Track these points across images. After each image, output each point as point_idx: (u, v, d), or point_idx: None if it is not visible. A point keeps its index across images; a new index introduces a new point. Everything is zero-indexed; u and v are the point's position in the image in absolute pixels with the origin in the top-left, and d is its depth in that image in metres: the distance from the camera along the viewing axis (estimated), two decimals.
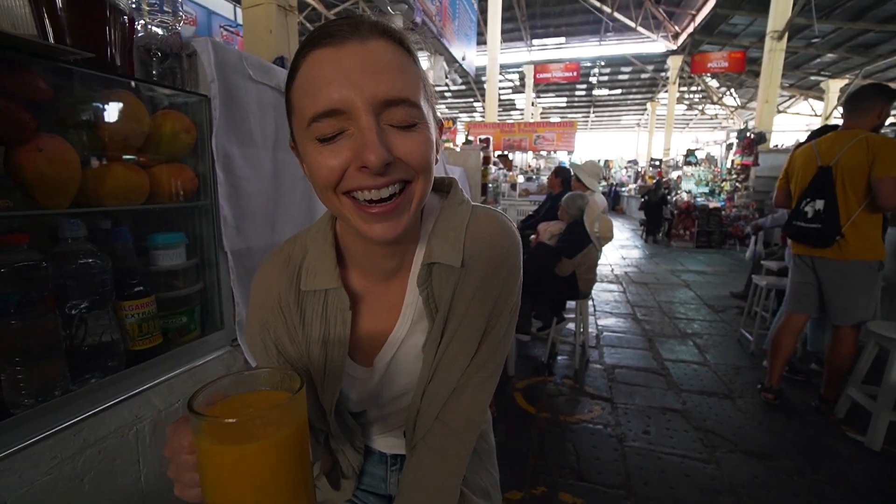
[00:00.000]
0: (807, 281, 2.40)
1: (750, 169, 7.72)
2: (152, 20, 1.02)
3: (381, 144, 0.43)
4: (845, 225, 2.16)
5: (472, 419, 0.60)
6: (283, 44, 3.03)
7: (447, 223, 0.57)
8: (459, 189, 0.62)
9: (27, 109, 0.77)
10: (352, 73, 0.42)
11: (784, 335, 2.51)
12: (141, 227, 1.09)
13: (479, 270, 0.56)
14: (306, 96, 0.44)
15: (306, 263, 0.59)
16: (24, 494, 0.72)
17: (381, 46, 0.44)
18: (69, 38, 0.84)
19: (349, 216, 0.47)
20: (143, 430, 0.95)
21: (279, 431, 0.37)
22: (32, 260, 0.77)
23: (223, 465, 0.37)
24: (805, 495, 1.78)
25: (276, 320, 0.59)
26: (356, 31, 0.44)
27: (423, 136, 0.46)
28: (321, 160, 0.45)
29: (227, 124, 1.19)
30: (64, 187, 0.83)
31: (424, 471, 0.60)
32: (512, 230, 0.60)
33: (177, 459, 0.42)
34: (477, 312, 0.56)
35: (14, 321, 0.76)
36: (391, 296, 0.59)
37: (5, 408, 0.77)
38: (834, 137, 2.24)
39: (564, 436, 2.19)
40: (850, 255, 2.18)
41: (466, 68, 5.04)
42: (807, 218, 2.29)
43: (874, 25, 9.95)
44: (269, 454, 0.37)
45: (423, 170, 0.47)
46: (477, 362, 0.58)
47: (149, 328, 1.03)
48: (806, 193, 2.31)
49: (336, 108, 0.43)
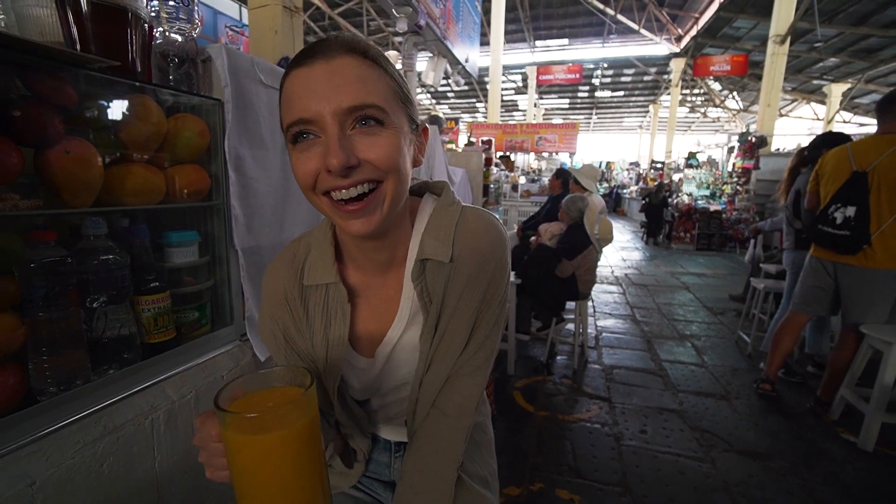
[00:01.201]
0: (821, 286, 2.38)
1: (751, 172, 7.75)
2: (170, 27, 1.07)
3: (342, 150, 0.48)
4: (874, 233, 2.11)
5: (466, 406, 0.64)
6: (288, 44, 3.07)
7: (438, 222, 0.62)
8: (451, 191, 0.67)
9: (55, 113, 0.81)
10: (318, 88, 0.49)
11: (785, 332, 2.54)
12: (156, 226, 1.13)
13: (467, 265, 0.61)
14: (285, 109, 0.51)
15: (309, 260, 0.65)
16: (51, 475, 0.77)
17: (346, 62, 0.50)
18: (94, 45, 0.88)
19: (330, 214, 0.54)
20: (158, 420, 0.99)
21: (294, 424, 0.43)
22: (59, 256, 0.81)
23: (247, 453, 0.43)
24: (798, 494, 1.82)
25: (283, 313, 0.65)
26: (324, 51, 0.50)
27: (389, 140, 0.52)
28: (298, 165, 0.51)
29: (238, 127, 1.23)
30: (88, 187, 0.87)
31: (422, 456, 0.64)
32: (498, 227, 0.65)
33: (207, 447, 0.48)
34: (467, 304, 0.61)
35: (41, 313, 0.80)
36: (388, 290, 0.64)
37: (32, 395, 0.82)
38: (871, 142, 2.18)
39: (562, 434, 2.23)
40: (876, 264, 2.15)
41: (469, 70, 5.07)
42: (835, 224, 2.22)
43: (877, 30, 9.96)
44: (285, 443, 0.43)
45: (392, 169, 0.52)
46: (468, 352, 0.63)
47: (163, 322, 1.07)
48: (836, 198, 2.24)
49: (304, 117, 0.49)
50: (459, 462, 0.65)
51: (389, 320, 0.64)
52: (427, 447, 0.64)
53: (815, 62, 13.06)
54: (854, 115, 16.82)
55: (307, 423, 0.44)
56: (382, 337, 0.64)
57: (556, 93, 21.47)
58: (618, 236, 9.76)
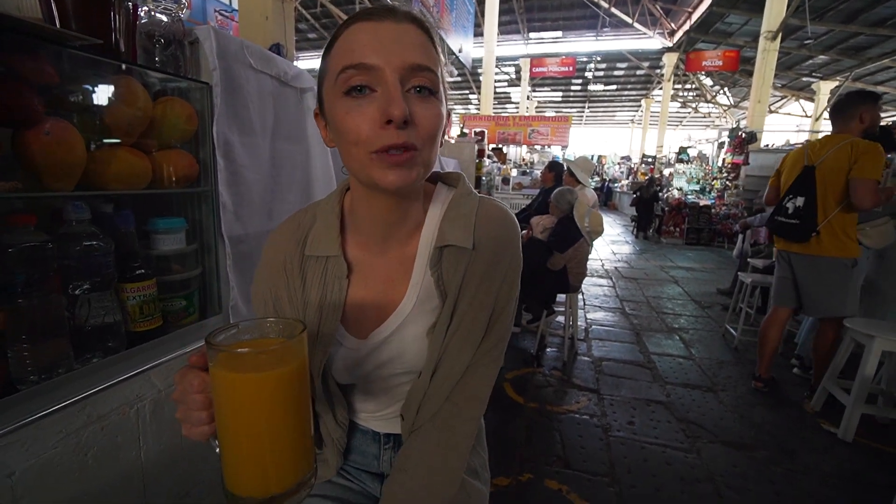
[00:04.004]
0: (785, 276, 2.53)
1: (740, 168, 7.83)
2: (156, 7, 1.03)
3: (404, 101, 0.49)
4: (822, 223, 2.27)
5: (479, 397, 0.64)
6: (279, 31, 3.01)
7: (458, 210, 0.63)
8: (468, 182, 0.68)
9: (35, 93, 0.78)
10: (386, 41, 0.49)
11: (768, 327, 2.63)
12: (143, 212, 1.10)
13: (487, 253, 0.61)
14: (342, 55, 0.51)
15: (313, 231, 0.64)
16: (31, 466, 0.75)
17: (412, 29, 0.52)
18: (74, 22, 0.85)
19: (369, 169, 0.52)
20: (143, 409, 0.98)
21: (284, 365, 0.43)
22: (39, 241, 0.79)
23: (235, 392, 0.42)
24: (780, 483, 1.86)
25: (278, 280, 0.65)
26: (393, 13, 0.51)
27: (437, 111, 0.53)
28: (350, 117, 0.50)
29: (227, 112, 1.20)
30: (70, 170, 0.84)
31: (431, 449, 0.63)
32: (514, 220, 0.66)
33: (186, 400, 0.46)
34: (485, 294, 0.61)
35: (21, 300, 0.78)
36: (389, 270, 0.63)
37: (12, 384, 0.79)
38: (825, 140, 2.35)
39: (551, 425, 2.24)
40: (823, 252, 2.30)
41: (463, 61, 5.04)
42: (787, 213, 2.41)
43: (865, 28, 10.08)
44: (274, 383, 0.42)
45: (431, 140, 0.53)
46: (486, 346, 0.63)
47: (149, 310, 1.05)
48: (790, 190, 2.43)
49: (367, 62, 0.49)
50: (467, 457, 0.65)
51: (389, 303, 0.63)
52: (436, 439, 0.63)
53: (805, 59, 13.19)
54: None
55: (297, 365, 0.44)
56: (381, 319, 0.63)
57: (549, 85, 21.42)
58: (608, 230, 9.82)
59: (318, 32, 14.40)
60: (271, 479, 0.44)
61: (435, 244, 0.61)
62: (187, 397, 0.46)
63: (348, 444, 0.75)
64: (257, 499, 0.44)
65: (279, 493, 0.44)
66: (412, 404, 0.64)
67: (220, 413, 0.43)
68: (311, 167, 1.70)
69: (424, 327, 0.62)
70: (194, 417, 0.46)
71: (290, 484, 0.45)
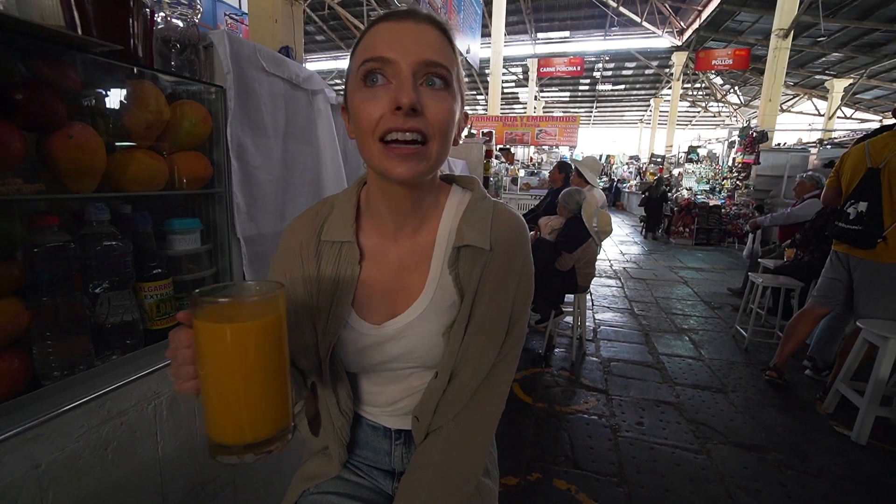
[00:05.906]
0: (838, 278, 2.43)
1: (751, 167, 7.75)
2: (172, 12, 1.06)
3: (414, 91, 0.53)
4: (888, 228, 2.14)
5: (500, 392, 0.68)
6: (288, 33, 3.05)
7: (475, 213, 0.66)
8: (482, 186, 0.72)
9: (59, 98, 0.81)
10: (404, 39, 0.54)
11: (801, 320, 2.59)
12: (159, 213, 1.13)
13: (503, 255, 0.64)
14: (364, 50, 0.55)
15: (330, 218, 0.68)
16: (55, 459, 0.77)
17: (431, 29, 0.56)
18: (95, 29, 0.88)
19: (378, 160, 0.56)
20: (160, 406, 1.00)
21: (259, 318, 0.47)
22: (62, 241, 0.81)
23: (214, 341, 0.45)
24: (792, 486, 1.84)
25: (293, 264, 0.68)
26: (414, 14, 0.56)
27: (448, 104, 0.56)
28: (364, 105, 0.54)
29: (241, 114, 1.23)
30: (91, 172, 0.87)
31: (452, 449, 0.66)
32: (525, 225, 0.70)
33: (177, 354, 0.50)
34: (503, 296, 0.64)
35: (45, 298, 0.80)
36: (402, 258, 0.66)
37: (37, 379, 0.82)
38: (887, 138, 2.21)
39: (560, 425, 2.25)
40: (887, 259, 2.18)
41: (470, 61, 5.04)
42: (848, 219, 2.29)
43: (881, 24, 9.91)
44: (253, 333, 0.46)
45: (441, 133, 0.56)
46: (505, 348, 0.67)
47: (166, 309, 1.07)
48: (852, 195, 2.30)
49: (385, 56, 0.53)
50: (487, 453, 0.68)
51: (399, 289, 0.65)
52: (460, 439, 0.66)
53: (818, 57, 13.01)
54: (856, 110, 16.78)
55: (273, 319, 0.47)
56: (389, 305, 0.65)
57: (556, 86, 21.35)
58: (617, 230, 9.77)
59: (326, 35, 14.50)
60: (245, 427, 0.47)
61: (453, 244, 0.64)
62: (178, 352, 0.49)
63: (359, 440, 0.76)
64: (232, 445, 0.47)
65: (253, 442, 0.47)
66: (428, 405, 0.66)
67: (200, 363, 0.47)
68: (322, 168, 1.72)
69: (439, 325, 0.64)
70: (183, 372, 0.49)
71: (264, 434, 0.48)
